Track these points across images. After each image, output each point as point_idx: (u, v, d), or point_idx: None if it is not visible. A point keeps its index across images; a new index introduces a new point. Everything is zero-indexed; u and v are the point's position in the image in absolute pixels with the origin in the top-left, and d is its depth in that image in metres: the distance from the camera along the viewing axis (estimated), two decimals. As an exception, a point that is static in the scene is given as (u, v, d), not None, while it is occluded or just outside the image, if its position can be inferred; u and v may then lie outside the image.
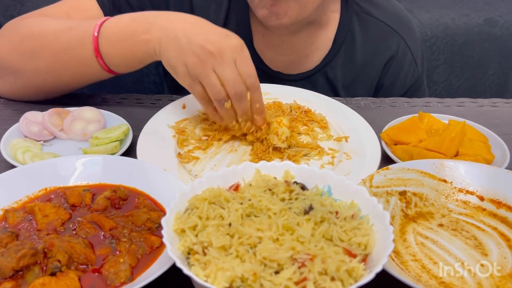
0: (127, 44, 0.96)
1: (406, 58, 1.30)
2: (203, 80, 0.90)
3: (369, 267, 0.61)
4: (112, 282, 0.66)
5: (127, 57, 0.98)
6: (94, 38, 0.97)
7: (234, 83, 0.89)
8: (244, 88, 0.90)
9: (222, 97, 0.91)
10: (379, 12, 1.28)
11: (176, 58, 0.91)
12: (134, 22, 0.97)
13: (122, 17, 1.00)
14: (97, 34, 0.97)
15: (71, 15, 1.12)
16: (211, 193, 0.69)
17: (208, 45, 0.88)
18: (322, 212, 0.67)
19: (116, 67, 1.01)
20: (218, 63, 0.88)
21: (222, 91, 0.90)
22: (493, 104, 1.26)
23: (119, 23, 0.98)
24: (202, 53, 0.88)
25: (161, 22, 0.94)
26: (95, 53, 0.98)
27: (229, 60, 0.89)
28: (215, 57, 0.88)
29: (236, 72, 0.89)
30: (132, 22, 0.97)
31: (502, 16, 1.82)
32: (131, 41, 0.96)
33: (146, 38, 0.94)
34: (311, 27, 1.23)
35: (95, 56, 0.98)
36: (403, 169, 0.86)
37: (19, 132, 0.98)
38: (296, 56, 1.27)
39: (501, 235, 0.79)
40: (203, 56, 0.88)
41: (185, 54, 0.90)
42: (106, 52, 0.98)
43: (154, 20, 0.95)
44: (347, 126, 1.07)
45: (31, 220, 0.76)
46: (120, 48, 0.97)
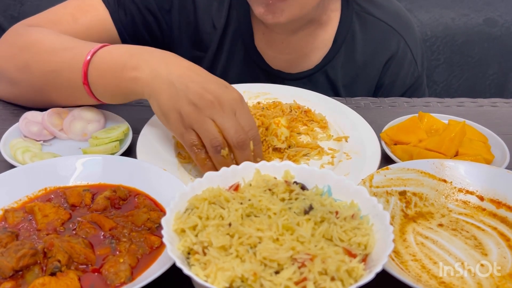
0: (113, 76, 0.92)
1: (406, 58, 1.31)
2: (198, 127, 0.84)
3: (369, 267, 0.61)
4: (112, 282, 0.66)
5: (112, 90, 0.94)
6: (85, 63, 0.93)
7: (237, 132, 0.83)
8: (247, 136, 0.85)
9: (219, 143, 0.84)
10: (379, 11, 1.29)
11: (169, 105, 0.85)
12: (127, 55, 0.92)
13: (118, 47, 0.96)
14: (88, 60, 0.93)
15: (77, 17, 1.11)
16: (211, 193, 0.69)
17: (207, 94, 0.83)
18: (322, 212, 0.67)
19: (102, 98, 0.97)
20: (217, 112, 0.83)
21: (219, 137, 0.83)
22: (493, 104, 1.26)
23: (113, 52, 0.94)
24: (200, 102, 0.83)
25: (155, 63, 0.88)
26: (83, 80, 0.94)
27: (229, 111, 0.84)
28: (214, 106, 0.83)
29: (238, 122, 0.84)
30: (125, 55, 0.92)
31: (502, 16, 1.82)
32: (119, 75, 0.91)
33: (135, 76, 0.89)
34: (311, 26, 1.23)
35: (82, 82, 0.95)
36: (403, 169, 0.86)
37: (19, 132, 0.98)
38: (297, 55, 1.27)
39: (501, 235, 0.79)
40: (200, 105, 0.83)
41: (180, 102, 0.84)
42: (93, 81, 0.94)
43: (148, 58, 0.90)
44: (347, 126, 1.07)
45: (31, 220, 0.76)
46: (106, 79, 0.93)
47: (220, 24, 1.23)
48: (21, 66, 1.02)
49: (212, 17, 1.23)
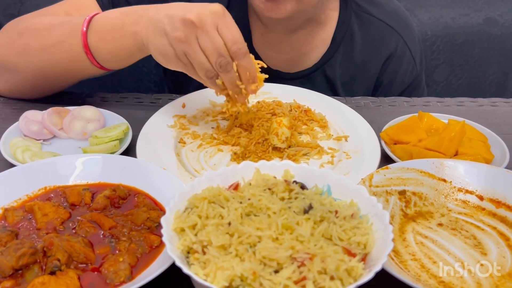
0: (115, 36, 0.94)
1: (404, 56, 1.31)
2: (192, 59, 0.86)
3: (368, 266, 0.61)
4: (111, 281, 0.66)
5: (116, 50, 0.96)
6: (83, 32, 0.96)
7: (219, 55, 0.84)
8: (227, 59, 0.85)
9: (212, 75, 0.87)
10: (378, 10, 1.29)
11: (162, 41, 0.88)
12: (123, 14, 0.95)
13: (113, 11, 0.99)
14: (86, 29, 0.96)
15: (71, 14, 1.11)
16: (210, 192, 0.69)
17: (188, 14, 0.84)
18: (322, 211, 0.67)
19: (105, 62, 0.99)
20: (200, 33, 0.84)
21: (205, 62, 0.85)
22: (492, 104, 1.26)
23: (108, 16, 0.97)
24: (184, 26, 0.84)
25: (150, 13, 0.91)
26: (84, 48, 0.96)
27: (211, 28, 0.84)
28: (196, 26, 0.84)
29: (219, 40, 0.84)
30: (121, 15, 0.95)
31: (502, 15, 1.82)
32: (119, 33, 0.94)
33: (134, 30, 0.92)
34: (310, 25, 1.23)
35: (84, 50, 0.97)
36: (402, 168, 0.86)
37: (19, 131, 0.98)
38: (295, 55, 1.27)
39: (500, 234, 0.79)
40: (185, 30, 0.84)
41: (168, 34, 0.86)
42: (94, 46, 0.96)
43: (143, 12, 0.93)
44: (347, 125, 1.07)
45: (31, 219, 0.76)
46: (108, 41, 0.95)
47: None
48: (21, 50, 1.03)
49: None
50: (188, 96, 1.12)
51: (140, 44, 0.93)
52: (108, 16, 0.97)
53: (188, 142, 1.01)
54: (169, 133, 1.01)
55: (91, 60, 0.98)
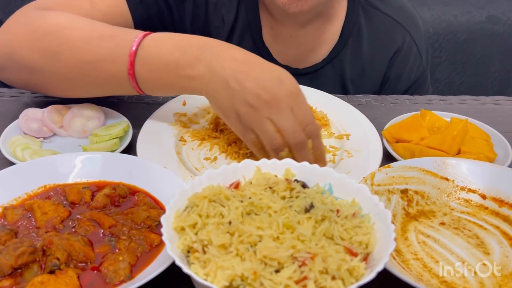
0: (168, 75, 0.89)
1: (411, 52, 1.31)
2: (257, 128, 0.83)
3: (370, 266, 0.61)
4: (111, 280, 0.65)
5: (166, 87, 0.92)
6: (131, 55, 0.89)
7: (294, 133, 0.82)
8: (304, 137, 0.83)
9: (278, 145, 0.83)
10: (385, 6, 1.29)
11: (227, 105, 0.85)
12: (177, 51, 0.88)
13: (164, 40, 0.91)
14: (134, 52, 0.89)
15: (94, 2, 1.06)
16: (211, 191, 0.69)
17: (263, 94, 0.81)
18: (323, 210, 0.66)
19: (149, 91, 0.94)
20: (274, 112, 0.82)
21: (277, 138, 0.83)
22: (495, 102, 1.26)
23: (161, 47, 0.90)
24: (257, 103, 0.81)
25: (209, 59, 0.86)
26: (128, 73, 0.90)
27: (286, 108, 0.82)
28: (271, 106, 0.81)
29: (295, 120, 0.82)
30: (176, 51, 0.88)
31: (505, 13, 1.81)
32: (173, 74, 0.89)
33: (191, 74, 0.87)
34: (318, 20, 1.23)
35: (128, 75, 0.91)
36: (404, 167, 0.86)
37: (19, 129, 0.97)
38: (304, 49, 1.27)
39: (503, 233, 0.79)
40: (257, 106, 0.82)
41: (237, 102, 0.83)
42: (142, 75, 0.91)
43: (200, 54, 0.87)
44: (349, 123, 1.07)
45: (30, 217, 0.76)
46: (159, 77, 0.90)
47: (229, 19, 1.23)
48: (48, 54, 0.94)
49: (222, 12, 1.22)
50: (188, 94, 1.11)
51: (197, 90, 0.89)
52: (160, 47, 0.90)
53: (188, 140, 1.01)
54: (169, 131, 1.01)
55: (133, 86, 0.92)
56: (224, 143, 0.98)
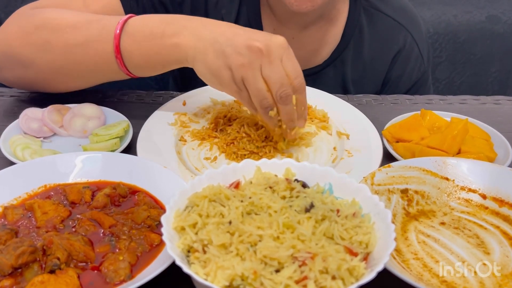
0: (153, 44, 0.90)
1: (413, 52, 1.31)
2: (250, 85, 0.84)
3: (370, 265, 0.61)
4: (111, 280, 0.65)
5: (151, 58, 0.92)
6: (116, 35, 0.91)
7: (281, 86, 0.83)
8: (290, 91, 0.85)
9: (268, 104, 0.85)
10: (386, 7, 1.29)
11: (218, 63, 0.85)
12: (163, 23, 0.90)
13: (150, 17, 0.94)
14: (119, 31, 0.91)
15: (88, 3, 1.07)
16: (211, 190, 0.69)
17: (255, 42, 0.82)
18: (323, 210, 0.66)
19: (136, 69, 0.95)
20: (265, 62, 0.83)
21: (268, 98, 0.84)
22: (495, 102, 1.26)
23: (147, 22, 0.92)
24: (249, 52, 0.82)
25: (194, 26, 0.88)
26: (115, 51, 0.92)
27: (276, 58, 0.83)
28: (263, 55, 0.82)
29: (284, 72, 0.84)
30: (162, 23, 0.90)
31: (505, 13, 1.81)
32: (158, 42, 0.89)
33: (176, 42, 0.88)
34: (321, 22, 1.23)
35: (114, 54, 0.92)
36: (405, 167, 0.85)
37: (19, 128, 0.97)
38: (306, 51, 1.27)
39: (504, 233, 0.79)
40: (250, 56, 0.82)
41: (229, 57, 0.83)
42: (128, 50, 0.92)
43: (186, 23, 0.89)
44: (349, 123, 1.07)
45: (31, 217, 0.76)
46: (144, 48, 0.91)
47: (230, 20, 1.23)
48: (39, 45, 0.97)
49: (222, 14, 1.22)
50: (189, 94, 1.11)
51: (182, 58, 0.89)
52: (146, 22, 0.92)
53: (189, 140, 1.01)
54: (169, 131, 1.01)
55: (120, 65, 0.94)
56: (223, 143, 0.98)
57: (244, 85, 0.85)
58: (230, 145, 0.98)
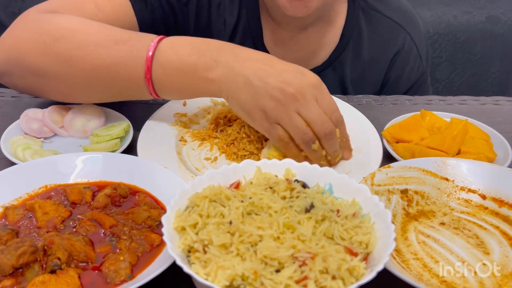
0: (186, 78, 0.89)
1: (411, 53, 1.31)
2: (286, 123, 0.84)
3: (370, 265, 0.61)
4: (112, 280, 0.66)
5: (183, 90, 0.91)
6: (148, 59, 0.88)
7: (323, 124, 0.84)
8: (332, 126, 0.86)
9: (310, 138, 0.85)
10: (385, 8, 1.29)
11: (251, 103, 0.85)
12: (195, 53, 0.88)
13: (181, 43, 0.91)
14: (151, 57, 0.88)
15: (100, 5, 1.05)
16: (211, 191, 0.69)
17: (288, 87, 0.83)
18: (323, 210, 0.66)
19: (166, 96, 0.95)
20: (301, 104, 0.83)
21: (309, 132, 0.84)
22: (495, 102, 1.26)
23: (178, 50, 0.89)
24: (283, 97, 0.83)
25: (227, 60, 0.86)
26: (145, 77, 0.89)
27: (311, 100, 0.84)
28: (298, 99, 0.83)
29: (321, 111, 0.84)
30: (193, 54, 0.88)
31: (505, 13, 1.81)
32: (191, 77, 0.88)
33: (210, 77, 0.87)
34: (319, 23, 1.24)
35: (145, 79, 0.90)
36: (404, 167, 0.86)
37: (20, 129, 0.98)
38: (305, 52, 1.28)
39: (503, 233, 0.79)
40: (283, 100, 0.83)
41: (262, 99, 0.84)
42: (159, 79, 0.90)
43: (219, 57, 0.87)
44: (349, 124, 1.06)
45: (31, 217, 0.76)
46: (177, 81, 0.90)
47: (231, 22, 1.23)
48: (61, 59, 0.92)
49: (224, 15, 1.23)
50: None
51: (216, 92, 0.89)
52: (178, 50, 0.89)
53: (189, 140, 1.01)
54: (170, 132, 1.01)
55: (149, 90, 0.92)
56: (223, 144, 0.99)
57: (277, 123, 0.85)
58: (230, 145, 0.98)
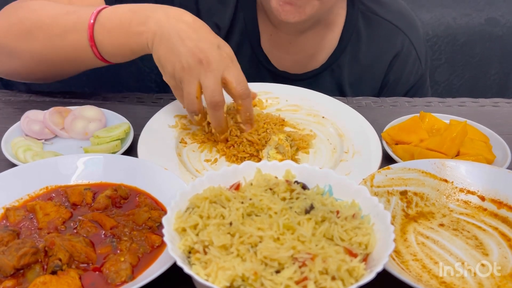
0: (121, 33, 0.97)
1: (410, 56, 1.31)
2: (184, 87, 0.92)
3: (369, 266, 0.61)
4: (113, 281, 0.66)
5: (120, 46, 0.98)
6: (90, 25, 0.97)
7: (213, 91, 0.90)
8: (220, 99, 0.91)
9: (193, 109, 0.94)
10: (384, 10, 1.29)
11: (165, 57, 0.92)
12: (131, 12, 0.97)
13: (120, 7, 1.00)
14: (93, 21, 0.97)
15: (74, 2, 1.11)
16: (212, 192, 0.69)
17: (198, 53, 0.89)
18: (323, 211, 0.67)
19: (109, 56, 1.01)
20: (203, 72, 0.90)
21: (195, 104, 0.93)
22: (494, 104, 1.26)
23: (116, 12, 0.99)
24: (191, 61, 0.89)
25: (159, 17, 0.94)
26: (89, 41, 0.98)
27: (215, 70, 0.90)
28: (202, 65, 0.89)
29: (218, 82, 0.90)
30: (130, 13, 0.97)
31: (504, 15, 1.82)
32: (126, 31, 0.96)
33: (141, 30, 0.95)
34: (318, 26, 1.24)
35: (89, 43, 0.98)
36: (404, 168, 0.86)
37: (20, 130, 0.98)
38: (303, 55, 1.28)
39: (502, 235, 0.79)
40: (191, 63, 0.89)
41: (174, 57, 0.91)
42: (100, 39, 0.98)
43: (152, 14, 0.95)
44: (348, 125, 1.07)
45: (32, 218, 0.76)
46: (114, 37, 0.97)
47: (225, 25, 1.23)
48: (23, 35, 1.03)
49: (215, 20, 1.22)
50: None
51: (144, 45, 0.96)
52: (116, 12, 0.99)
53: (189, 142, 1.01)
54: (170, 133, 1.01)
55: (95, 53, 0.99)
56: (223, 146, 0.99)
57: (180, 86, 0.93)
58: (230, 147, 0.98)
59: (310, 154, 1.00)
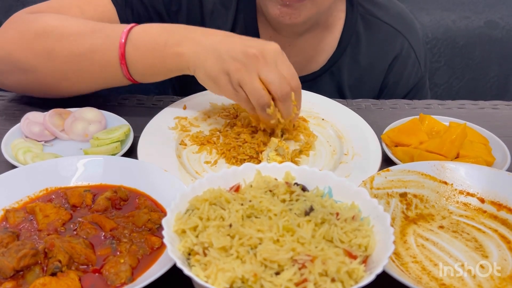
0: (157, 54, 0.95)
1: (409, 58, 1.32)
2: (246, 85, 0.88)
3: (369, 268, 0.62)
4: (112, 283, 0.66)
5: (155, 68, 0.97)
6: (121, 44, 0.95)
7: (281, 84, 0.88)
8: (289, 88, 0.90)
9: (265, 102, 0.89)
10: (383, 13, 1.29)
11: (216, 68, 0.90)
12: (165, 33, 0.95)
13: (152, 26, 0.99)
14: (124, 40, 0.95)
15: (84, 10, 1.09)
16: (211, 194, 0.69)
17: (250, 49, 0.88)
18: (323, 213, 0.67)
19: (139, 76, 0.99)
20: (261, 65, 0.88)
21: (265, 95, 0.89)
22: (493, 106, 1.26)
23: (149, 31, 0.97)
24: (245, 58, 0.88)
25: (194, 36, 0.93)
26: (120, 60, 0.96)
27: (272, 62, 0.88)
28: (259, 59, 0.88)
29: (281, 73, 0.89)
30: (164, 32, 0.95)
31: (503, 18, 1.82)
32: (162, 52, 0.94)
33: (179, 51, 0.93)
34: (317, 29, 1.24)
35: (119, 63, 0.96)
36: (403, 171, 0.86)
37: (20, 132, 0.98)
38: (303, 58, 1.28)
39: (502, 237, 0.79)
40: (246, 61, 0.88)
41: (226, 62, 0.89)
42: (132, 60, 0.96)
43: (187, 34, 0.94)
44: (348, 127, 1.07)
45: (32, 220, 0.76)
46: (149, 58, 0.96)
47: (226, 28, 1.23)
48: (42, 52, 0.99)
49: (218, 22, 1.23)
50: (189, 98, 1.12)
51: (184, 66, 0.94)
52: (149, 31, 0.97)
53: (189, 144, 1.01)
54: (170, 135, 1.01)
55: (124, 73, 0.98)
56: (223, 148, 0.99)
57: (240, 87, 0.90)
58: (230, 149, 0.98)
59: (310, 156, 1.00)
